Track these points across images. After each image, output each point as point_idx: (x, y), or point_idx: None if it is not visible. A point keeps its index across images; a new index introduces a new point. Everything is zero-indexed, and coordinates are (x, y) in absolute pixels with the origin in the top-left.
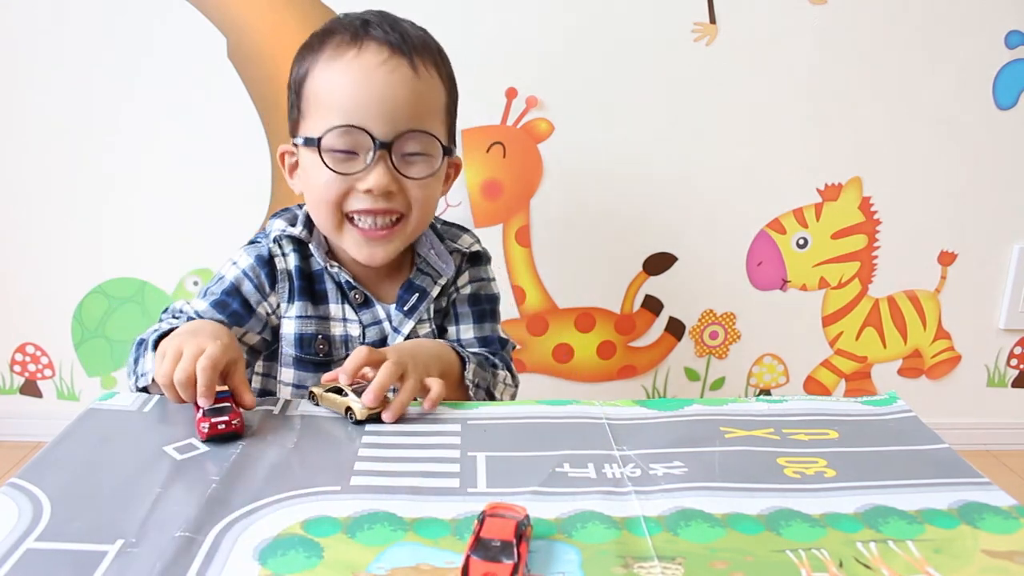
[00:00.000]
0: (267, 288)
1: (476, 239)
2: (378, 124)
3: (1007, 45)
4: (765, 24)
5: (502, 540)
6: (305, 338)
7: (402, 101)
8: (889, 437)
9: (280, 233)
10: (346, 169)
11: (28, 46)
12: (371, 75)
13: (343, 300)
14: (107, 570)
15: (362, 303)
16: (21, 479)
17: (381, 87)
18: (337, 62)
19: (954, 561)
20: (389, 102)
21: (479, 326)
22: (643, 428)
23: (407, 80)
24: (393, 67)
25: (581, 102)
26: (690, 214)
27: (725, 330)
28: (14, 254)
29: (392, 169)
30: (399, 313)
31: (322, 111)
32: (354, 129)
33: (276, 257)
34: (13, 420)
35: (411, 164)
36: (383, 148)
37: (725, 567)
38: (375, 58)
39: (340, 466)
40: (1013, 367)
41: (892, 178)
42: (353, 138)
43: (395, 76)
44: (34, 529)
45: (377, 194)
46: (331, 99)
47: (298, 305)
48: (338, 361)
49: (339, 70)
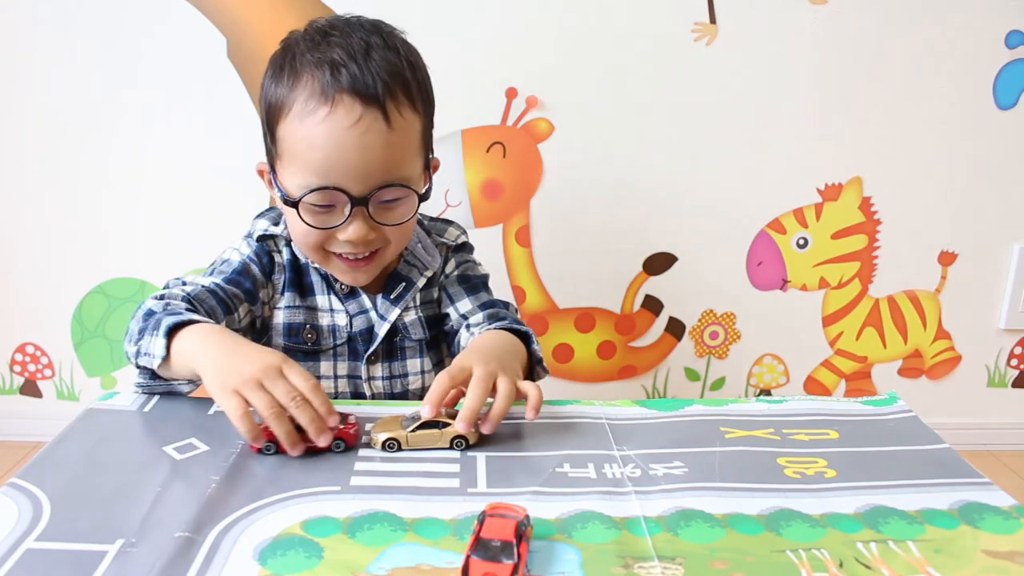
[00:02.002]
0: (268, 275)
1: (462, 231)
2: (353, 183)
3: (1007, 45)
4: (765, 24)
5: (502, 540)
6: (294, 327)
7: (375, 158)
8: (889, 437)
9: (263, 233)
10: (324, 223)
11: (28, 46)
12: (344, 137)
13: (329, 291)
14: (107, 570)
15: (348, 293)
16: (21, 479)
17: (354, 149)
18: (310, 118)
19: (954, 561)
20: (362, 165)
21: (475, 296)
22: (643, 428)
23: (381, 135)
24: (366, 127)
25: (581, 102)
26: (690, 214)
27: (725, 330)
28: (14, 254)
29: (369, 219)
30: (385, 301)
31: (297, 165)
32: (330, 190)
33: (274, 252)
34: (13, 420)
35: (389, 210)
36: (359, 204)
37: (725, 567)
38: (347, 119)
39: (340, 466)
40: (1013, 367)
41: (892, 178)
42: (330, 196)
43: (368, 137)
44: (34, 529)
45: (356, 245)
46: (306, 157)
47: (288, 295)
48: (326, 350)
49: (311, 126)
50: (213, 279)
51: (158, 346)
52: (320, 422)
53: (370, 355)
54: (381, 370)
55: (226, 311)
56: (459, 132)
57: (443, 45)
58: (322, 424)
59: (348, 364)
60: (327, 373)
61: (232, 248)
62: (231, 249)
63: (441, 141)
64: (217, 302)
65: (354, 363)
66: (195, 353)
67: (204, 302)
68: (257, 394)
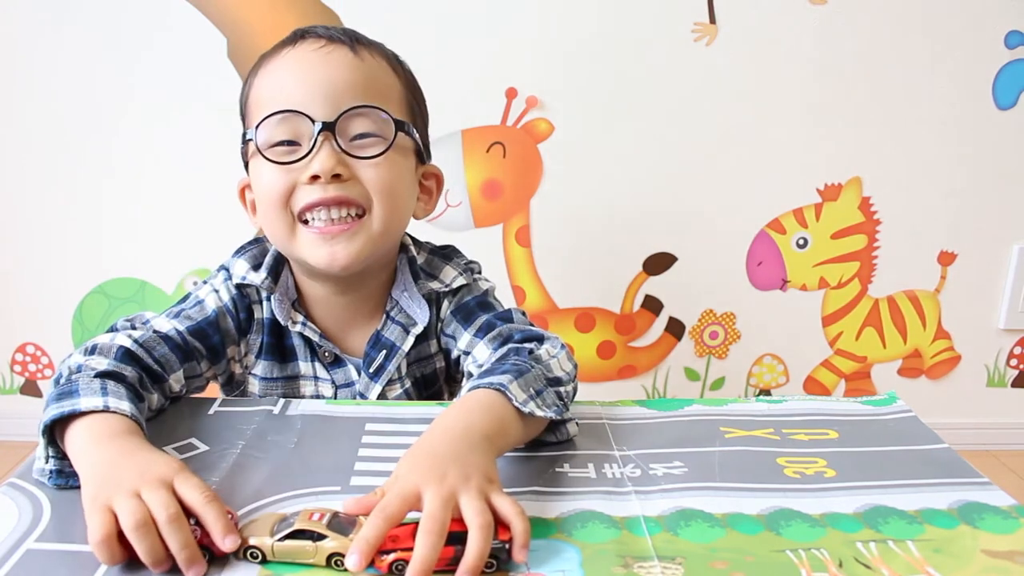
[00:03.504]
0: (243, 332)
1: (460, 270)
2: (317, 105)
3: (1007, 45)
4: (765, 24)
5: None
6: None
7: (342, 81)
8: (889, 437)
9: (240, 281)
10: (288, 158)
11: (28, 47)
12: (306, 60)
13: (313, 358)
14: (107, 570)
15: (332, 361)
16: (21, 479)
17: (318, 68)
18: (273, 60)
19: (954, 561)
20: (327, 83)
21: (472, 324)
22: (643, 428)
23: (347, 61)
24: (330, 51)
25: (581, 102)
26: (690, 214)
27: (725, 330)
28: (14, 254)
29: (338, 151)
30: (365, 376)
31: (262, 111)
32: (291, 113)
33: (255, 304)
34: (13, 420)
35: (362, 147)
36: (326, 129)
37: (725, 567)
38: (311, 47)
39: (340, 466)
40: (1013, 367)
41: (892, 178)
42: (292, 125)
43: (333, 57)
44: (34, 529)
45: (325, 180)
46: (268, 94)
47: (263, 365)
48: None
49: (275, 66)
50: (176, 324)
51: (39, 448)
52: (191, 550)
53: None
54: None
55: (184, 359)
56: (459, 132)
57: (443, 45)
58: (195, 554)
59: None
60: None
61: (210, 289)
62: (209, 290)
63: (441, 141)
64: (171, 348)
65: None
66: (77, 454)
67: (152, 351)
68: (127, 503)
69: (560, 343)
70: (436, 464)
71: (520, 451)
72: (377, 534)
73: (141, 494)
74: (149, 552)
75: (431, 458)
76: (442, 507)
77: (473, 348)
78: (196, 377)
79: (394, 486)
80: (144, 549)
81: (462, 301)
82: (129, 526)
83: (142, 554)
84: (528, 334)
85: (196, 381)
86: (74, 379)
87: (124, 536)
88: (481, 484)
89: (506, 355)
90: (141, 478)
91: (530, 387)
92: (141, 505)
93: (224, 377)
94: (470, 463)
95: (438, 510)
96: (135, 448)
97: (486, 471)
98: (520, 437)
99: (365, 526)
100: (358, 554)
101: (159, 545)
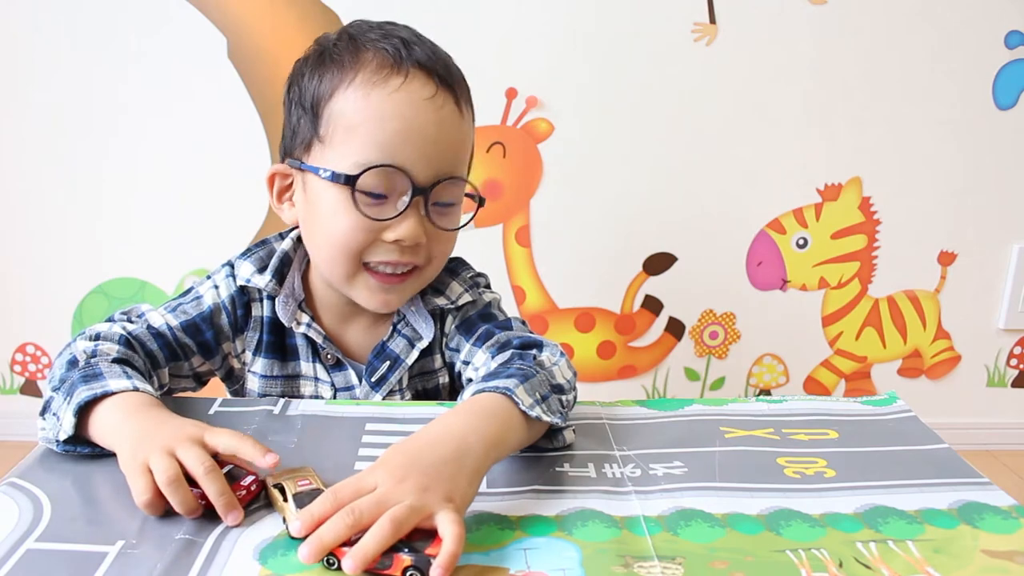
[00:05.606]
0: (238, 329)
1: (466, 286)
2: (421, 166)
3: (1007, 45)
4: (765, 24)
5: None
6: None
7: (446, 143)
8: (889, 437)
9: (245, 283)
10: (376, 215)
11: (28, 46)
12: (419, 110)
13: (315, 359)
14: (107, 571)
15: (334, 364)
16: (21, 479)
17: (429, 128)
18: (379, 89)
19: (954, 561)
20: (433, 144)
21: (472, 335)
22: (643, 428)
23: (454, 120)
24: (441, 104)
25: (581, 102)
26: (690, 214)
27: (725, 330)
28: (14, 254)
29: (424, 219)
30: (366, 384)
31: (358, 141)
32: (394, 170)
33: (254, 302)
34: (13, 420)
35: (443, 215)
36: (420, 194)
37: (725, 567)
38: (423, 91)
39: (340, 466)
40: (1013, 367)
41: (892, 178)
42: (390, 180)
43: (443, 114)
44: (34, 529)
45: (406, 246)
46: (371, 130)
47: (263, 363)
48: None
49: (381, 98)
50: (170, 319)
51: (66, 422)
52: (228, 496)
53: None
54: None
55: (171, 357)
56: None
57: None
58: (232, 500)
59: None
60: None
61: (211, 284)
62: (210, 285)
63: None
64: (160, 346)
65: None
66: (110, 429)
67: (144, 345)
68: (161, 460)
69: (559, 351)
70: (403, 466)
71: (520, 451)
72: (322, 510)
73: (176, 452)
74: (182, 503)
75: (404, 457)
76: (373, 503)
77: (472, 356)
78: (183, 377)
79: (360, 474)
80: (177, 501)
81: (467, 316)
82: (163, 481)
83: (176, 505)
84: (527, 340)
85: (184, 381)
86: (93, 362)
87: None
88: (430, 501)
89: (510, 359)
90: (174, 438)
91: (536, 392)
92: (173, 462)
93: (223, 371)
94: (441, 477)
95: (367, 503)
96: (167, 417)
97: (450, 491)
98: (520, 442)
99: (315, 502)
100: (300, 522)
101: (191, 496)
